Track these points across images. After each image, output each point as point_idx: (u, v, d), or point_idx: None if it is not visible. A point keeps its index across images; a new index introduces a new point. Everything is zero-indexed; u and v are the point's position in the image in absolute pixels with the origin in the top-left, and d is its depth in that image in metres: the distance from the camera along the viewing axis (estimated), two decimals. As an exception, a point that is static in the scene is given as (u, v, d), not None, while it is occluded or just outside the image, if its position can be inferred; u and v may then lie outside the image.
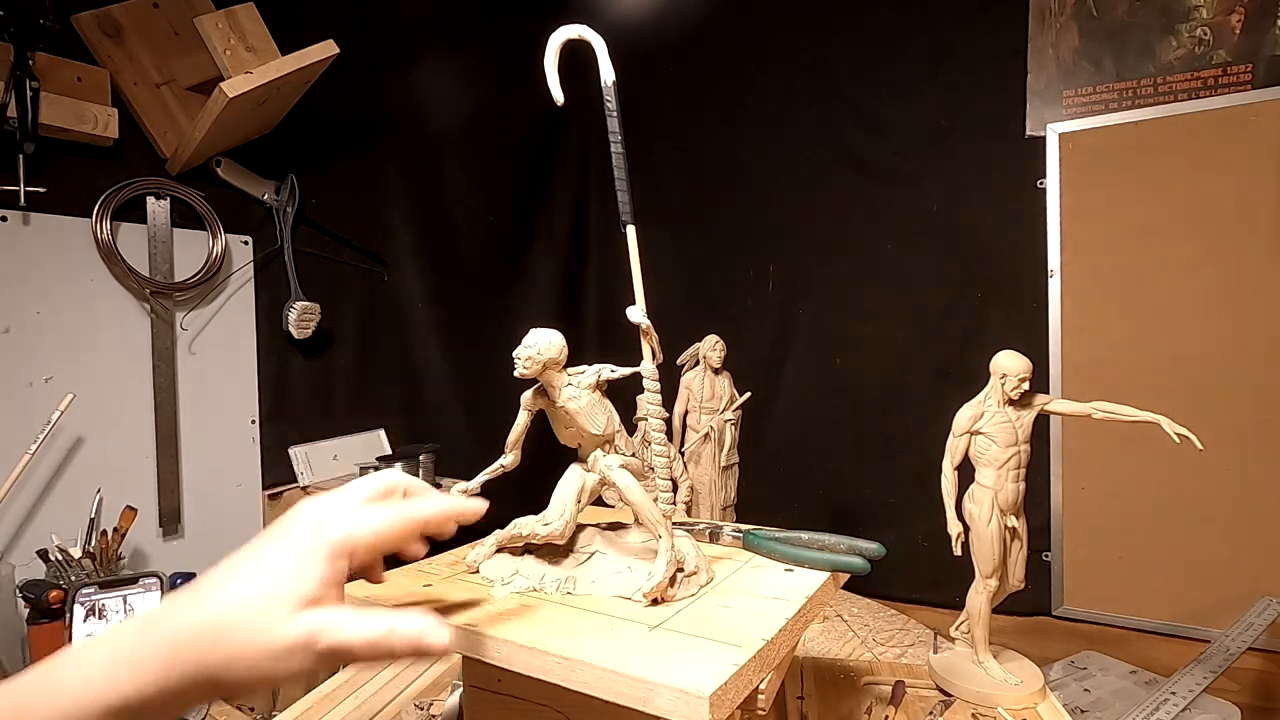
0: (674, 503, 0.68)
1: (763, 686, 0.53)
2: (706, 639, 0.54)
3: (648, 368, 0.66)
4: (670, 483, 0.68)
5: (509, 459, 0.73)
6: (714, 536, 0.78)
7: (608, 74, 0.62)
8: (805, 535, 0.73)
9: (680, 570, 0.64)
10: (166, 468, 1.38)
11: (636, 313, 0.64)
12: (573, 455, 0.73)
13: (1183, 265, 1.53)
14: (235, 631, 0.39)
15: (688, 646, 0.53)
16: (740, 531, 0.77)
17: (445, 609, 0.60)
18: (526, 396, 0.71)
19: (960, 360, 1.76)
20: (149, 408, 1.38)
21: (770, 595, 0.63)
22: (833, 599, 0.69)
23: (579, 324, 2.35)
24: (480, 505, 0.52)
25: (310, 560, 0.41)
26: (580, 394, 0.68)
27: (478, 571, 0.70)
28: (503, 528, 0.70)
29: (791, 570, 0.70)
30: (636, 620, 0.58)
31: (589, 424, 0.69)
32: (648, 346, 0.66)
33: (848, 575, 0.70)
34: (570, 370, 0.69)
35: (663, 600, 0.61)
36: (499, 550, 0.71)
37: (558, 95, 0.64)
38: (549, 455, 0.77)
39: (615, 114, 0.63)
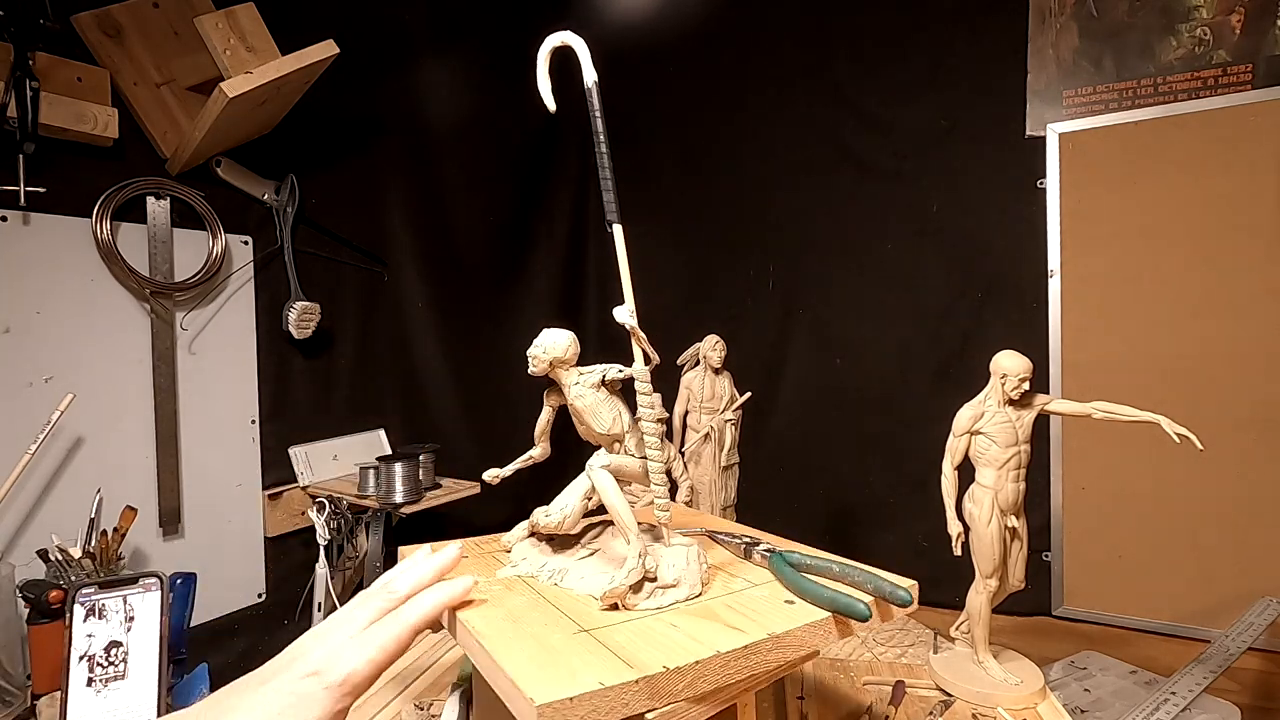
0: (669, 509, 0.67)
1: (651, 717, 0.49)
2: (612, 653, 0.51)
3: (639, 369, 0.66)
4: (668, 485, 0.68)
5: (538, 450, 0.76)
6: (748, 551, 0.73)
7: (590, 76, 0.63)
8: (836, 566, 0.66)
9: (651, 580, 0.62)
10: (166, 468, 1.38)
11: (624, 313, 0.63)
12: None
13: (1183, 265, 1.54)
14: None
15: (588, 655, 0.51)
16: (771, 550, 0.71)
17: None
18: (547, 392, 0.75)
19: (960, 360, 1.76)
20: (149, 408, 1.37)
21: (733, 624, 0.57)
22: (830, 643, 0.64)
23: (578, 323, 2.35)
24: (467, 583, 0.58)
25: (313, 705, 0.45)
26: (585, 393, 0.70)
27: (510, 550, 0.74)
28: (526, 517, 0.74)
29: (793, 602, 0.62)
30: (578, 621, 0.57)
31: (594, 422, 0.70)
32: (638, 349, 0.66)
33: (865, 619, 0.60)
34: (581, 369, 0.71)
35: (622, 607, 0.60)
36: (530, 534, 0.74)
37: (550, 103, 0.66)
38: (573, 449, 0.80)
39: (599, 115, 0.63)
